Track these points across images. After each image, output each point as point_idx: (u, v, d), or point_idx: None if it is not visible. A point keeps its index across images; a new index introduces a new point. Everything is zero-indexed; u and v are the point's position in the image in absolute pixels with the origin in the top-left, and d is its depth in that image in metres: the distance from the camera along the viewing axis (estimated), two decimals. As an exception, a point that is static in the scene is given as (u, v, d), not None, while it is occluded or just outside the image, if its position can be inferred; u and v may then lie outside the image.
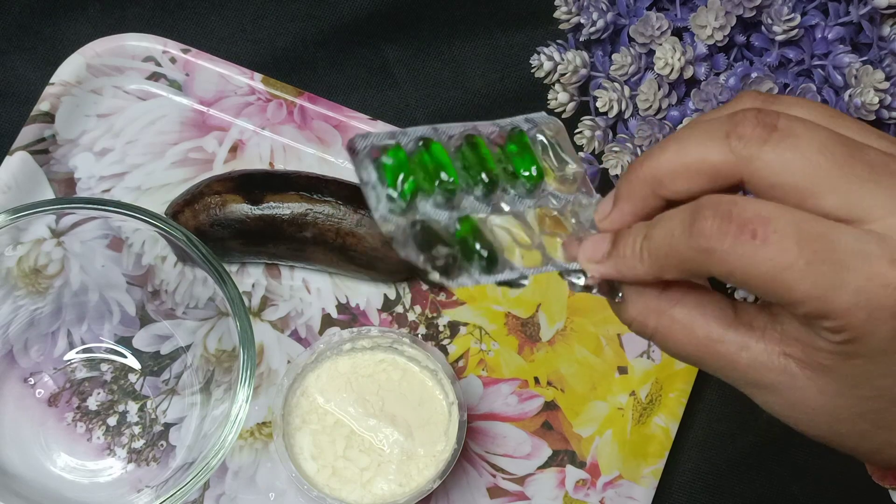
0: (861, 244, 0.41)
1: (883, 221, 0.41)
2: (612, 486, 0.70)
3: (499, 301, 0.73)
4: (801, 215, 0.41)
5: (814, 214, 0.41)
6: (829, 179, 0.42)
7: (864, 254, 0.41)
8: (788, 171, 0.42)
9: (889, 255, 0.41)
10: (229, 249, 0.71)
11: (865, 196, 0.41)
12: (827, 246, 0.41)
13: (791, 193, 0.42)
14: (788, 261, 0.41)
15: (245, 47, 0.78)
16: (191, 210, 0.70)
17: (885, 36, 0.62)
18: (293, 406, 0.68)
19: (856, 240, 0.41)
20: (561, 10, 0.66)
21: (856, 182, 0.42)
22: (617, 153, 0.65)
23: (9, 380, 0.70)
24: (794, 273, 0.41)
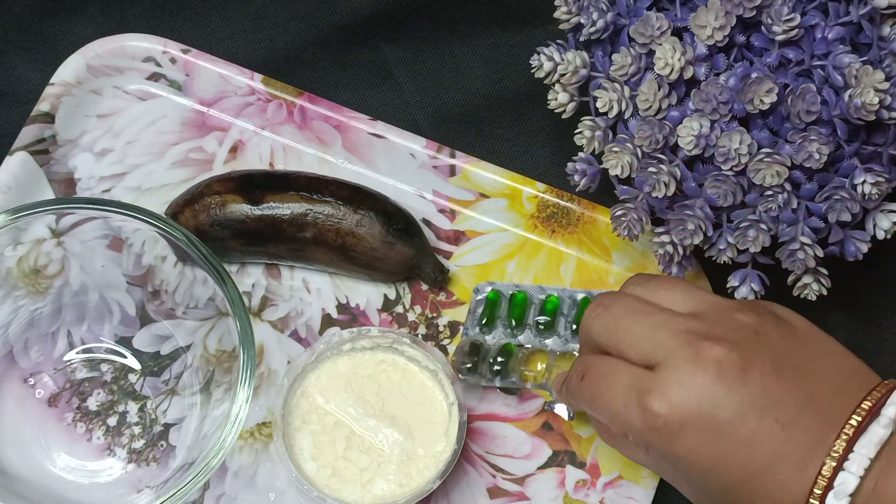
0: (636, 381, 0.57)
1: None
2: (612, 486, 0.70)
3: (499, 301, 0.73)
4: (608, 363, 0.59)
5: (621, 361, 0.59)
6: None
7: (633, 388, 0.57)
8: (602, 337, 0.60)
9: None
10: (229, 249, 0.71)
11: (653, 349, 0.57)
12: (612, 382, 0.58)
13: (611, 350, 0.60)
14: (595, 393, 0.59)
15: (245, 47, 0.78)
16: (191, 210, 0.70)
17: (885, 36, 0.62)
18: (293, 406, 0.68)
19: (632, 378, 0.57)
20: (561, 10, 0.66)
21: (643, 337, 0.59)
22: (617, 153, 0.65)
23: (9, 380, 0.70)
24: (599, 402, 0.59)
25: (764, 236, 0.64)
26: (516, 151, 0.77)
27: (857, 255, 0.65)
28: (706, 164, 0.64)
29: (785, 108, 0.62)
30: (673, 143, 0.64)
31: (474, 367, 0.70)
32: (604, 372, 0.59)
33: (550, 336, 0.71)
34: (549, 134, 0.77)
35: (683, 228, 0.64)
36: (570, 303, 0.71)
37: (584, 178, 0.67)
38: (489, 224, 0.74)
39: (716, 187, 0.63)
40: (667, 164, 0.64)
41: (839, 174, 0.63)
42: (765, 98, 0.61)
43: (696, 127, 0.62)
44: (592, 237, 0.74)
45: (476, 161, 0.74)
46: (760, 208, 0.63)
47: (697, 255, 0.69)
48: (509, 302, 0.71)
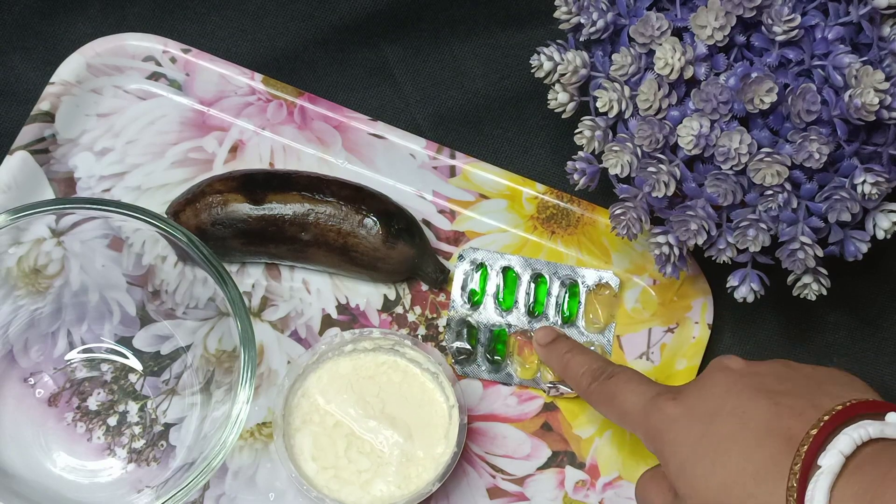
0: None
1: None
2: (612, 486, 0.70)
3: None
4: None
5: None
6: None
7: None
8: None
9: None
10: (230, 249, 0.71)
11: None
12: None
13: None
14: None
15: (245, 47, 0.78)
16: (192, 209, 0.70)
17: (885, 36, 0.62)
18: (294, 407, 0.68)
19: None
20: (561, 10, 0.66)
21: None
22: (617, 153, 0.65)
23: (9, 380, 0.70)
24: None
25: (764, 236, 0.64)
26: (516, 151, 0.77)
27: (857, 255, 0.65)
28: (706, 163, 0.64)
29: (785, 108, 0.62)
30: (673, 142, 0.64)
31: (469, 357, 0.70)
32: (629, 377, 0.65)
33: (540, 320, 0.72)
34: (549, 134, 0.77)
35: (686, 229, 0.64)
36: (559, 284, 0.72)
37: (584, 178, 0.67)
38: (489, 225, 0.74)
39: (716, 187, 0.63)
40: (667, 163, 0.64)
41: (839, 174, 0.63)
42: (765, 98, 0.61)
43: (696, 126, 0.62)
44: (592, 238, 0.74)
45: (476, 161, 0.74)
46: (760, 208, 0.63)
47: (697, 254, 0.69)
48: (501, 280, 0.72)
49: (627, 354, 0.72)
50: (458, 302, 0.71)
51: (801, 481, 0.54)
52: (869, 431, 0.55)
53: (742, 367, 0.61)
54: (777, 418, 0.57)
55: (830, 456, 0.54)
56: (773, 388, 0.59)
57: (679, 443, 0.59)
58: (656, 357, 0.72)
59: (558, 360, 0.69)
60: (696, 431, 0.59)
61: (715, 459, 0.57)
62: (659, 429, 0.60)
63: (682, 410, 0.60)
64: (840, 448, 0.54)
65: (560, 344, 0.69)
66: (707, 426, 0.58)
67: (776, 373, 0.60)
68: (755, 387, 0.59)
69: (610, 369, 0.66)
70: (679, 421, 0.60)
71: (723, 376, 0.60)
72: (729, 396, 0.59)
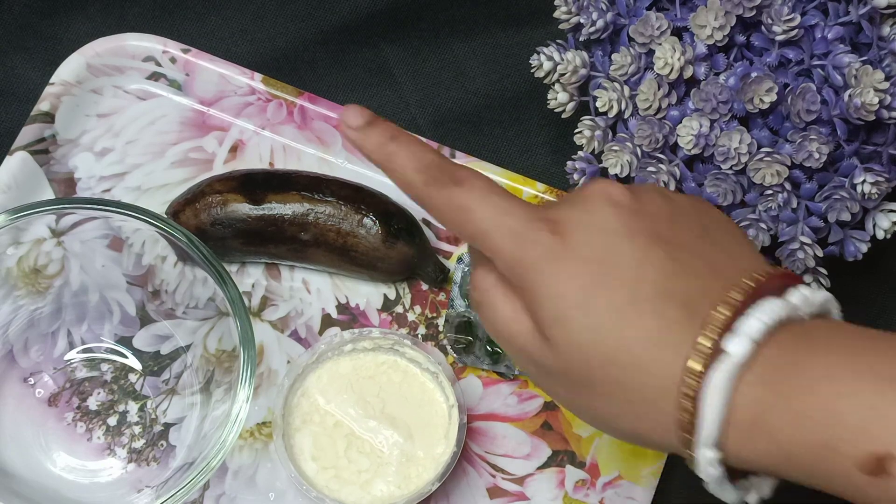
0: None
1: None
2: (612, 486, 0.70)
3: (499, 301, 0.73)
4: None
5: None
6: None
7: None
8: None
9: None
10: (230, 249, 0.71)
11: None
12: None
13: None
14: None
15: (245, 47, 0.78)
16: (192, 209, 0.70)
17: (885, 36, 0.62)
18: (293, 406, 0.68)
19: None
20: (561, 10, 0.66)
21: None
22: (616, 153, 0.65)
23: (9, 380, 0.70)
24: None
25: (763, 236, 0.64)
26: (516, 151, 0.77)
27: (857, 255, 0.65)
28: (706, 163, 0.64)
29: (785, 108, 0.62)
30: (673, 142, 0.64)
31: (468, 347, 0.70)
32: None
33: None
34: (549, 134, 0.77)
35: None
36: None
37: (584, 177, 0.67)
38: (489, 224, 0.74)
39: (715, 186, 0.63)
40: (666, 163, 0.64)
41: (839, 174, 0.63)
42: (765, 97, 0.61)
43: (696, 126, 0.62)
44: (592, 237, 0.74)
45: (476, 161, 0.74)
46: (760, 207, 0.63)
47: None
48: None
49: (627, 354, 0.72)
50: (457, 301, 0.71)
51: (705, 364, 0.49)
52: (779, 313, 0.49)
53: (630, 203, 0.52)
54: (675, 278, 0.50)
55: (739, 343, 0.48)
56: (668, 237, 0.51)
57: (561, 289, 0.51)
58: (656, 357, 0.72)
59: (378, 150, 0.54)
60: (584, 281, 0.51)
61: (604, 321, 0.50)
62: (535, 265, 0.51)
63: (565, 248, 0.51)
64: (751, 334, 0.49)
65: (379, 128, 0.54)
66: (597, 277, 0.50)
67: (664, 214, 0.52)
68: (649, 233, 0.51)
69: (453, 169, 0.53)
70: (562, 261, 0.51)
71: (613, 212, 0.51)
72: (622, 242, 0.51)
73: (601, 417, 0.53)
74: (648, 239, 0.51)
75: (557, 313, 0.51)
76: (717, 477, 0.51)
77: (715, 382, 0.48)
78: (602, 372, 0.51)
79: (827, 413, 0.47)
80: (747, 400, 0.49)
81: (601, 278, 0.51)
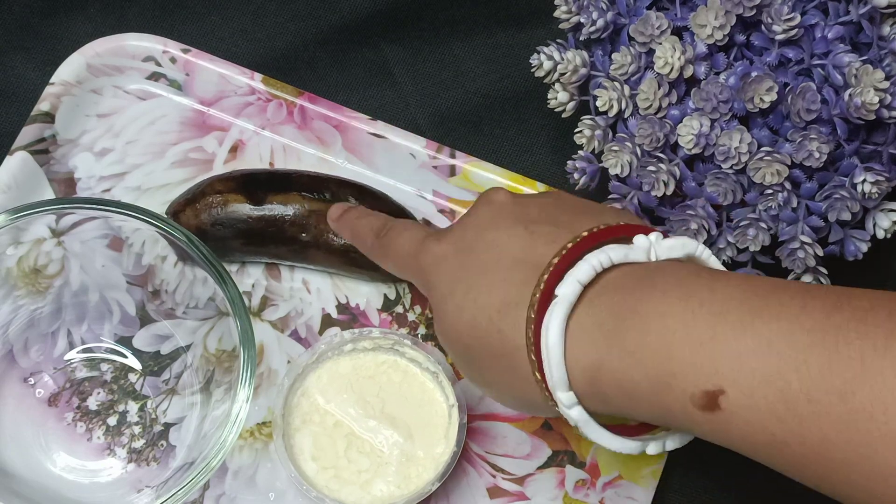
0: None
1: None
2: (612, 486, 0.70)
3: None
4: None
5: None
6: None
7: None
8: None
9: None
10: (230, 249, 0.71)
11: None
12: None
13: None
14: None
15: (245, 47, 0.78)
16: (192, 209, 0.70)
17: (885, 35, 0.62)
18: (293, 406, 0.68)
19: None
20: (561, 9, 0.66)
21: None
22: (616, 152, 0.65)
23: (9, 380, 0.70)
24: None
25: (764, 235, 0.64)
26: (516, 151, 0.77)
27: (857, 255, 0.65)
28: (706, 162, 0.64)
29: (785, 107, 0.62)
30: (673, 141, 0.64)
31: None
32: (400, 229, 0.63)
33: None
34: (549, 134, 0.77)
35: (686, 228, 0.64)
36: None
37: (584, 177, 0.67)
38: (489, 224, 0.74)
39: (716, 186, 0.63)
40: (666, 162, 0.64)
41: (839, 173, 0.63)
42: (765, 97, 0.61)
43: (697, 126, 0.62)
44: (592, 237, 0.74)
45: (476, 161, 0.74)
46: (760, 207, 0.63)
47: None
48: None
49: (627, 354, 0.72)
50: None
51: (539, 311, 0.52)
52: (611, 256, 0.52)
53: (506, 200, 0.58)
54: (530, 247, 0.54)
55: (567, 285, 0.51)
56: (533, 218, 0.56)
57: (437, 283, 0.57)
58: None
59: (349, 228, 0.67)
60: (455, 265, 0.56)
61: (467, 293, 0.55)
62: (425, 269, 0.58)
63: (446, 247, 0.57)
64: (577, 276, 0.51)
65: (350, 212, 0.67)
66: (464, 259, 0.56)
67: (541, 203, 0.57)
68: (515, 217, 0.56)
69: (390, 224, 0.64)
70: (443, 258, 0.57)
71: (486, 209, 0.57)
72: (489, 229, 0.56)
73: (493, 387, 0.57)
74: (513, 222, 0.56)
75: (437, 300, 0.57)
76: (583, 420, 0.53)
77: (549, 325, 0.51)
78: (475, 344, 0.55)
79: (660, 350, 0.49)
80: (587, 344, 0.51)
81: (466, 264, 0.56)
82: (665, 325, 0.49)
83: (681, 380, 0.49)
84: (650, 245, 0.53)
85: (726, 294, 0.49)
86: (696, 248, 0.54)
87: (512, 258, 0.54)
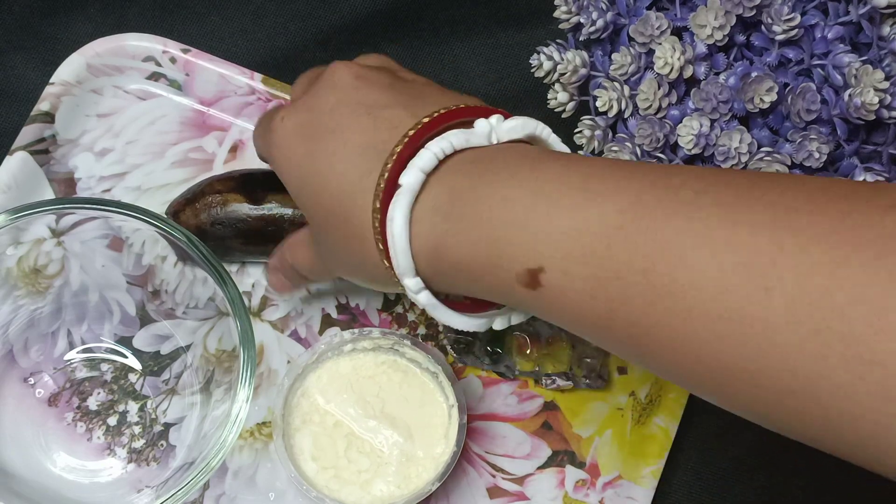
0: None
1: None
2: (612, 486, 0.70)
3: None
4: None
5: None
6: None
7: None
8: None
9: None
10: (230, 249, 0.71)
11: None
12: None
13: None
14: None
15: (245, 47, 0.78)
16: (192, 209, 0.70)
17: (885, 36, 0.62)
18: (293, 406, 0.68)
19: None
20: (561, 9, 0.66)
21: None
22: (616, 152, 0.65)
23: (9, 380, 0.70)
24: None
25: (764, 236, 0.64)
26: (516, 151, 0.77)
27: (857, 255, 0.65)
28: (706, 162, 0.64)
29: (785, 108, 0.62)
30: (673, 142, 0.64)
31: (468, 346, 0.70)
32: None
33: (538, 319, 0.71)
34: (549, 134, 0.77)
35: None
36: None
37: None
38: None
39: (716, 186, 0.63)
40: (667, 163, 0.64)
41: (839, 173, 0.63)
42: (765, 97, 0.61)
43: (696, 126, 0.62)
44: (592, 237, 0.74)
45: (476, 161, 0.74)
46: (760, 207, 0.63)
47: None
48: None
49: (627, 354, 0.72)
50: None
51: (384, 201, 0.53)
52: (452, 142, 0.53)
53: (349, 83, 0.58)
54: (374, 132, 0.55)
55: (410, 174, 0.52)
56: (376, 101, 0.56)
57: (290, 164, 0.58)
58: (656, 357, 0.72)
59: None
60: (303, 151, 0.57)
61: (319, 181, 0.56)
62: (271, 151, 0.59)
63: (289, 128, 0.58)
64: (420, 165, 0.52)
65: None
66: (312, 146, 0.57)
67: (384, 85, 0.57)
68: (357, 101, 0.56)
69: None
70: (287, 139, 0.58)
71: (331, 94, 0.58)
72: (333, 114, 0.57)
73: (346, 269, 0.58)
74: (356, 107, 0.56)
75: (294, 188, 0.58)
76: (431, 305, 0.54)
77: (393, 215, 0.52)
78: (329, 230, 0.56)
79: (489, 232, 0.51)
80: (429, 227, 0.52)
81: (314, 152, 0.56)
82: (492, 209, 0.51)
83: (506, 259, 0.50)
84: (491, 129, 0.54)
85: (549, 174, 0.51)
86: (535, 127, 0.55)
87: (356, 144, 0.55)
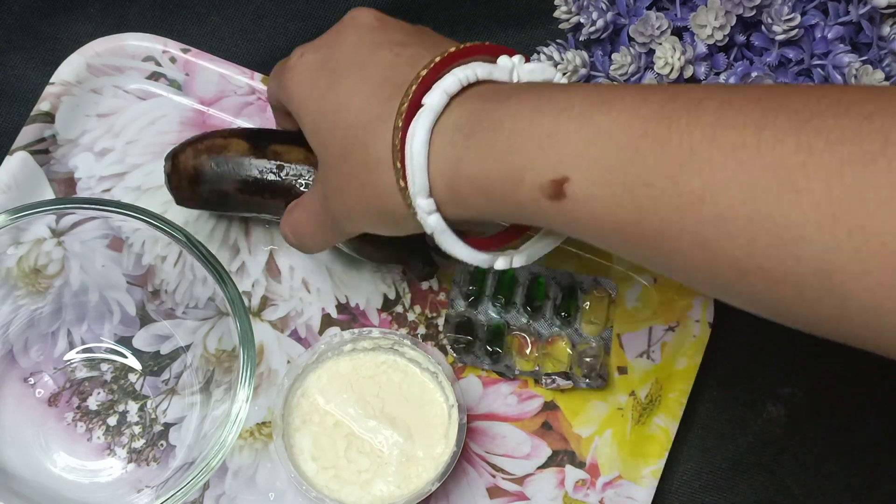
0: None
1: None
2: (612, 486, 0.70)
3: (499, 301, 0.73)
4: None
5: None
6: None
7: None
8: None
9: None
10: (226, 195, 0.69)
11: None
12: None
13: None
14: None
15: (245, 47, 0.78)
16: (192, 149, 0.68)
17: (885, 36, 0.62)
18: (293, 406, 0.68)
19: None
20: (561, 9, 0.67)
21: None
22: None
23: (9, 380, 0.70)
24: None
25: (764, 236, 0.64)
26: (516, 151, 0.77)
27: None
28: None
29: (785, 108, 0.62)
30: (673, 142, 0.64)
31: (468, 346, 0.71)
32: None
33: (538, 319, 0.72)
34: (549, 134, 0.77)
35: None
36: (555, 286, 0.72)
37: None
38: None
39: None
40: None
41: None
42: (764, 97, 0.61)
43: (696, 126, 0.62)
44: (592, 237, 0.74)
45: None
46: (760, 207, 0.63)
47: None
48: (497, 280, 0.72)
49: (628, 353, 0.72)
50: (457, 301, 0.71)
51: (406, 120, 0.54)
52: (476, 72, 0.54)
53: (372, 23, 0.60)
54: (394, 67, 0.57)
55: (435, 94, 0.54)
56: (397, 40, 0.58)
57: (308, 99, 0.59)
58: (657, 356, 0.72)
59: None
60: (323, 84, 0.59)
61: (336, 114, 0.57)
62: (289, 88, 0.61)
63: (309, 63, 0.60)
64: (444, 87, 0.54)
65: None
66: (332, 80, 0.58)
67: (407, 30, 0.60)
68: (379, 41, 0.59)
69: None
70: (306, 75, 0.60)
71: (352, 32, 0.60)
72: (355, 51, 0.59)
73: (351, 204, 0.58)
74: (377, 45, 0.58)
75: (309, 122, 0.59)
76: (440, 228, 0.55)
77: (414, 131, 0.53)
78: (341, 162, 0.57)
79: (511, 146, 0.51)
80: (448, 148, 0.53)
81: (333, 85, 0.58)
82: (516, 124, 0.52)
83: (529, 171, 0.51)
84: (513, 66, 0.55)
85: (572, 93, 0.52)
86: (554, 75, 0.56)
87: (377, 77, 0.57)
